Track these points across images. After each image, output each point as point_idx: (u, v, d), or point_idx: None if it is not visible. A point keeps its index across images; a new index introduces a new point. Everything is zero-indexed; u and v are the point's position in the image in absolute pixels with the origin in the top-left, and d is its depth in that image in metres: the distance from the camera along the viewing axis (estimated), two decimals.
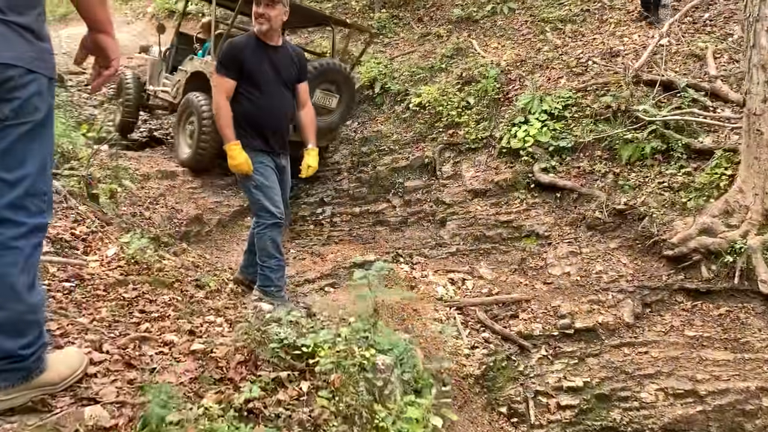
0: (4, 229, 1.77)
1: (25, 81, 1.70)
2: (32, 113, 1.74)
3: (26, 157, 1.77)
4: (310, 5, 9.18)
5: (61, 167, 5.21)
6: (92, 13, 1.82)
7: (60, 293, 3.07)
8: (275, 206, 4.11)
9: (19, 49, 1.67)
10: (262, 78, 3.96)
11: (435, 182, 7.70)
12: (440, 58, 9.07)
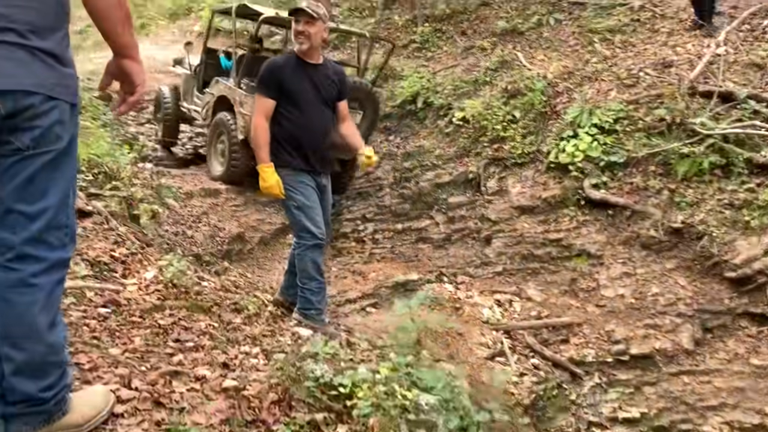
0: (23, 265, 1.68)
1: (46, 108, 1.60)
2: (54, 142, 1.64)
3: (48, 189, 1.67)
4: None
5: (104, 187, 5.22)
6: (116, 37, 1.71)
7: (95, 320, 3.00)
8: (316, 227, 4.00)
9: (40, 76, 1.57)
10: (303, 97, 3.87)
11: (480, 198, 7.49)
12: (484, 71, 8.88)
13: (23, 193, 1.64)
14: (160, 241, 5.11)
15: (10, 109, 1.54)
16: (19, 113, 1.56)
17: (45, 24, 1.57)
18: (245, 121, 6.89)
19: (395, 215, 7.81)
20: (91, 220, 4.49)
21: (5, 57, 1.52)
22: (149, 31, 16.28)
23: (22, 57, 1.54)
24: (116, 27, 1.69)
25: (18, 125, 1.57)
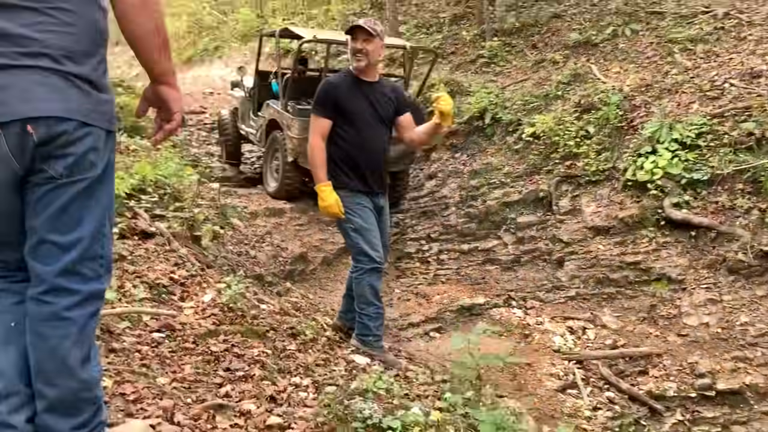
0: (56, 298, 1.61)
1: (80, 135, 1.54)
2: (88, 170, 1.58)
3: (82, 218, 1.61)
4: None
5: (169, 208, 5.27)
6: (153, 63, 1.65)
7: (147, 346, 2.95)
8: (374, 250, 3.87)
9: (73, 102, 1.51)
10: (359, 116, 3.77)
11: (551, 218, 7.16)
12: (556, 85, 8.56)
13: (56, 222, 1.58)
14: (222, 262, 5.10)
15: (43, 135, 1.49)
16: (52, 140, 1.50)
17: (80, 49, 1.52)
18: (294, 144, 7.16)
19: (461, 235, 7.57)
20: (154, 241, 4.52)
21: (39, 83, 1.47)
22: (222, 54, 16.76)
23: (56, 83, 1.49)
24: (153, 53, 1.64)
25: (51, 153, 1.52)
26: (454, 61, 10.86)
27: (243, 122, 9.07)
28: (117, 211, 4.79)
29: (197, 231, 4.95)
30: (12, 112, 1.46)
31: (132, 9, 1.54)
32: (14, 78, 1.45)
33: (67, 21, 1.49)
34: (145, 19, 1.57)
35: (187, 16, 19.14)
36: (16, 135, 1.47)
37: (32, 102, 1.46)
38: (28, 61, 1.45)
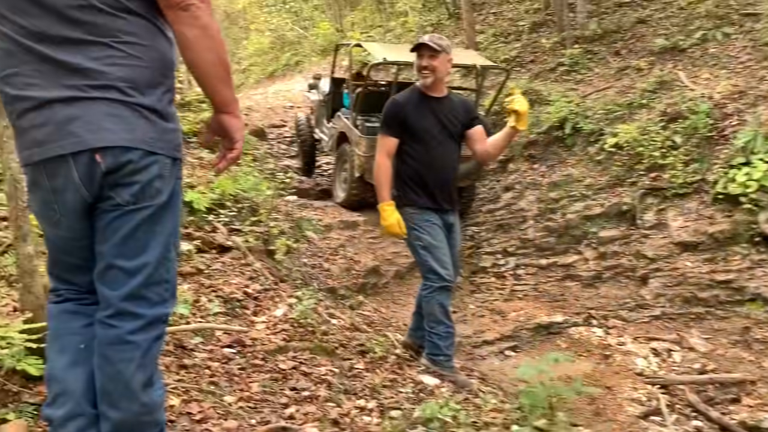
0: (121, 322, 1.65)
1: (146, 163, 1.58)
2: (154, 197, 1.62)
3: (147, 244, 1.65)
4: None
5: (247, 221, 5.40)
6: (215, 93, 1.67)
7: (218, 362, 3.00)
8: (444, 268, 3.79)
9: (139, 131, 1.56)
10: (427, 133, 3.71)
11: (635, 232, 6.84)
12: (640, 94, 8.19)
13: (123, 248, 1.63)
14: (296, 275, 5.16)
15: (110, 164, 1.55)
16: (118, 169, 1.56)
17: (146, 80, 1.57)
18: (361, 161, 7.39)
19: (539, 249, 7.36)
20: (230, 255, 4.63)
21: (107, 113, 1.53)
22: (303, 68, 17.14)
23: (123, 113, 1.54)
24: (215, 83, 1.65)
25: (118, 181, 1.57)
26: (533, 70, 10.63)
27: (318, 126, 9.30)
28: (197, 225, 4.96)
29: (272, 245, 5.04)
30: (82, 143, 1.52)
31: (193, 40, 1.56)
32: (84, 110, 1.51)
33: (134, 54, 1.54)
34: (207, 50, 1.58)
35: (270, 32, 19.72)
36: (86, 164, 1.54)
37: (100, 132, 1.52)
38: (96, 93, 1.51)
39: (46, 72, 1.51)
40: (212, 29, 1.57)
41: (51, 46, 1.50)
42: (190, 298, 3.59)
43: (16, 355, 2.11)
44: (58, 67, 1.50)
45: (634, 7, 10.93)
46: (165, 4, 1.54)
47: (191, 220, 4.95)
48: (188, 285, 3.90)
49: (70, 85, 1.50)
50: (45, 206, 1.65)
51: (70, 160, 1.53)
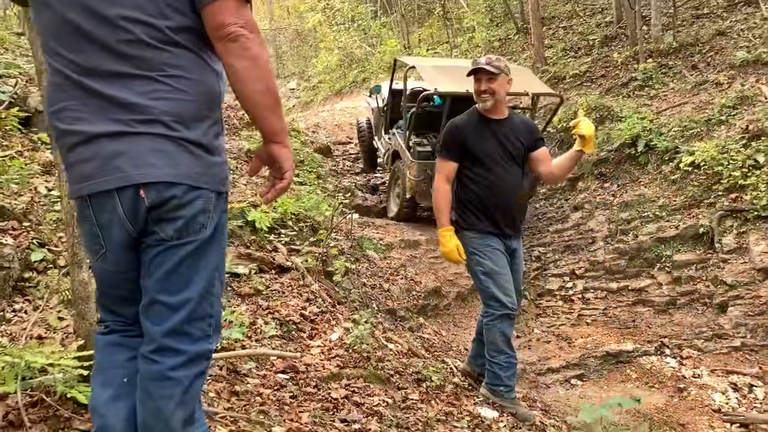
0: (163, 357, 1.63)
1: (190, 198, 1.58)
2: (197, 232, 1.61)
3: (191, 279, 1.64)
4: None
5: (307, 240, 5.41)
6: (264, 123, 1.64)
7: (270, 389, 2.98)
8: (506, 295, 3.66)
9: (183, 166, 1.55)
10: (488, 156, 3.61)
11: (712, 256, 6.45)
12: (719, 109, 7.78)
13: (166, 283, 1.62)
14: (354, 296, 5.11)
15: (154, 200, 1.54)
16: (162, 204, 1.56)
17: (192, 114, 1.57)
18: (412, 184, 7.53)
19: (609, 272, 7.05)
20: (289, 276, 4.64)
21: (151, 149, 1.53)
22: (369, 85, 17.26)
23: (168, 148, 1.54)
24: (264, 113, 1.62)
25: (162, 216, 1.57)
26: (604, 85, 10.29)
27: (376, 134, 9.60)
28: (258, 244, 5.01)
29: (331, 266, 5.02)
30: (127, 178, 1.52)
31: (243, 71, 1.54)
32: (129, 145, 1.52)
33: (179, 88, 1.54)
34: (255, 80, 1.56)
35: (339, 49, 20.00)
36: (130, 199, 1.54)
37: (144, 168, 1.52)
38: (142, 128, 1.51)
39: (93, 106, 1.52)
40: (262, 59, 1.56)
41: (99, 80, 1.51)
42: (246, 321, 3.60)
43: (69, 382, 2.14)
44: (105, 101, 1.51)
45: (713, 19, 10.45)
46: (215, 36, 1.54)
47: (253, 239, 5.00)
48: (246, 306, 3.92)
49: (116, 119, 1.51)
50: (92, 239, 1.66)
51: (116, 195, 1.54)
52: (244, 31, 1.52)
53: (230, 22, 1.50)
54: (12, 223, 3.44)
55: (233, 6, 1.51)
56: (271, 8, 27.05)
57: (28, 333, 2.69)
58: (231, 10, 1.51)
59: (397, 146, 8.08)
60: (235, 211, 5.16)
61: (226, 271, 4.08)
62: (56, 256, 3.30)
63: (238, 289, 4.08)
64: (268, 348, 3.42)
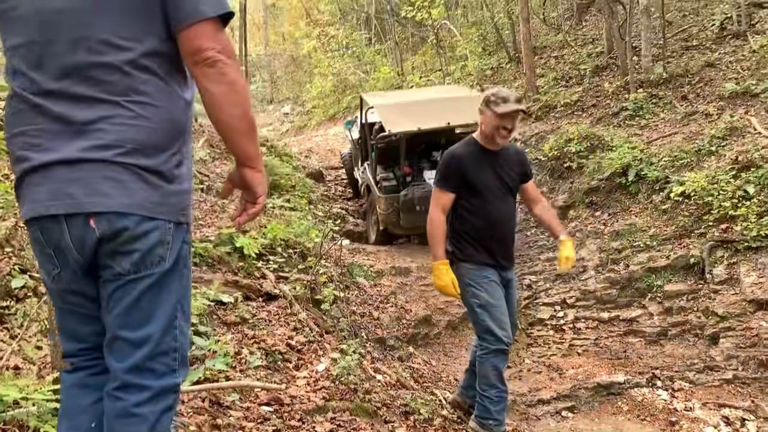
0: (127, 394, 1.59)
1: (144, 230, 1.52)
2: (156, 264, 1.56)
3: (152, 313, 1.59)
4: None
5: (296, 267, 5.36)
6: (238, 148, 1.62)
7: (253, 422, 2.91)
8: (502, 328, 3.60)
9: (137, 196, 1.50)
10: (486, 188, 3.57)
11: (703, 287, 6.43)
12: (709, 140, 7.83)
13: (126, 318, 1.57)
14: (343, 325, 5.05)
15: (105, 230, 1.49)
16: (115, 235, 1.50)
17: (152, 142, 1.52)
18: (382, 217, 7.97)
19: (601, 302, 7.01)
20: (277, 303, 4.58)
21: (105, 177, 1.48)
22: None
23: (122, 177, 1.48)
24: (240, 138, 1.60)
25: (117, 249, 1.52)
26: (595, 114, 10.36)
27: (355, 165, 10.09)
28: (246, 271, 4.95)
29: (319, 294, 4.96)
30: (77, 205, 1.48)
31: (220, 96, 1.52)
32: (83, 172, 1.47)
33: (142, 114, 1.50)
34: (232, 105, 1.53)
35: (333, 75, 20.14)
36: (79, 227, 1.49)
37: (96, 196, 1.47)
38: (97, 155, 1.46)
39: (50, 133, 1.48)
40: (239, 85, 1.53)
41: (59, 102, 1.47)
42: (231, 351, 3.53)
43: (43, 416, 2.08)
44: (64, 125, 1.47)
45: (702, 51, 10.59)
46: (192, 61, 1.51)
47: (241, 266, 4.95)
48: (231, 335, 3.85)
49: (72, 145, 1.46)
50: (45, 260, 1.61)
51: (63, 221, 1.50)
52: (221, 56, 1.49)
53: (207, 47, 1.48)
54: None
55: (210, 31, 1.49)
56: (267, 34, 27.27)
57: (4, 363, 2.61)
58: (208, 35, 1.48)
59: (368, 181, 8.65)
60: (224, 237, 5.12)
61: (212, 299, 4.04)
62: (37, 283, 3.23)
63: (223, 317, 4.02)
64: (253, 379, 3.35)
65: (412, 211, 7.61)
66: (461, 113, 7.63)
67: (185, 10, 1.47)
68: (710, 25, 11.19)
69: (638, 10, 10.63)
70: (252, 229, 5.62)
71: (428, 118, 7.67)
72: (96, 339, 1.67)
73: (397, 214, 7.77)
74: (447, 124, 7.72)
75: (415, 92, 10.99)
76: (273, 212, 6.94)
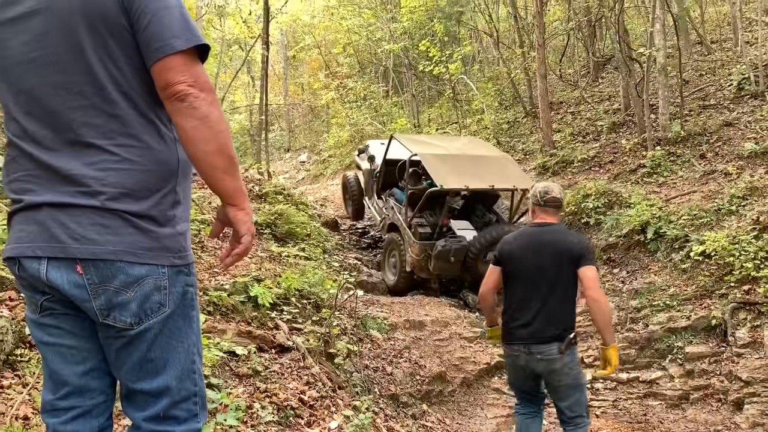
0: None
1: (136, 277, 1.47)
2: (156, 312, 1.51)
3: (166, 363, 1.54)
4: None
5: (310, 319, 5.29)
6: (216, 184, 1.54)
7: None
8: None
9: (127, 242, 1.46)
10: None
11: (726, 350, 6.26)
12: (729, 199, 7.76)
13: (140, 373, 1.53)
14: (357, 379, 4.95)
15: (93, 278, 1.45)
16: (104, 283, 1.45)
17: (141, 185, 1.48)
18: (413, 260, 8.10)
19: (620, 362, 6.80)
20: (289, 356, 4.50)
21: (94, 222, 1.44)
22: None
23: (111, 223, 1.45)
24: (217, 174, 1.52)
25: (111, 300, 1.47)
26: (612, 171, 10.36)
27: (366, 194, 10.17)
28: (259, 321, 4.89)
29: (333, 347, 4.88)
30: (62, 250, 1.44)
31: (191, 131, 1.46)
32: (71, 216, 1.45)
33: (128, 157, 1.47)
34: (205, 141, 1.47)
35: (350, 126, 20.38)
36: (63, 272, 1.45)
37: (84, 242, 1.44)
38: (85, 201, 1.44)
39: (42, 179, 1.47)
40: (211, 119, 1.47)
41: (48, 151, 1.47)
42: (243, 404, 3.45)
43: None
44: (53, 173, 1.46)
45: (719, 110, 10.61)
46: (163, 96, 1.47)
47: (254, 315, 4.89)
48: (243, 388, 3.77)
49: (62, 191, 1.45)
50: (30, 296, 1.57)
51: (44, 263, 1.46)
52: (192, 89, 1.44)
53: (178, 81, 1.43)
54: (9, 293, 3.36)
55: (181, 64, 1.44)
56: (286, 85, 27.82)
57: (14, 413, 2.56)
58: (179, 68, 1.44)
59: (395, 219, 8.71)
60: (239, 286, 5.08)
61: (226, 350, 3.97)
62: None
63: (236, 369, 3.94)
64: None
65: (446, 261, 7.82)
66: (502, 177, 8.24)
67: (155, 45, 1.44)
68: (727, 84, 11.24)
69: (655, 68, 10.72)
70: (267, 278, 5.58)
71: (474, 177, 8.00)
72: (78, 382, 1.59)
73: (428, 260, 7.94)
74: (491, 186, 8.07)
75: (444, 140, 10.85)
76: (288, 261, 6.91)
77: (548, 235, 3.66)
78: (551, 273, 3.56)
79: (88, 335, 1.57)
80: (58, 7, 1.44)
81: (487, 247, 7.61)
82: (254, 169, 12.19)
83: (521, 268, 3.68)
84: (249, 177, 10.21)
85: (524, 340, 3.61)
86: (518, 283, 3.69)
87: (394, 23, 20.00)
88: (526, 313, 3.61)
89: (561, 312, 3.56)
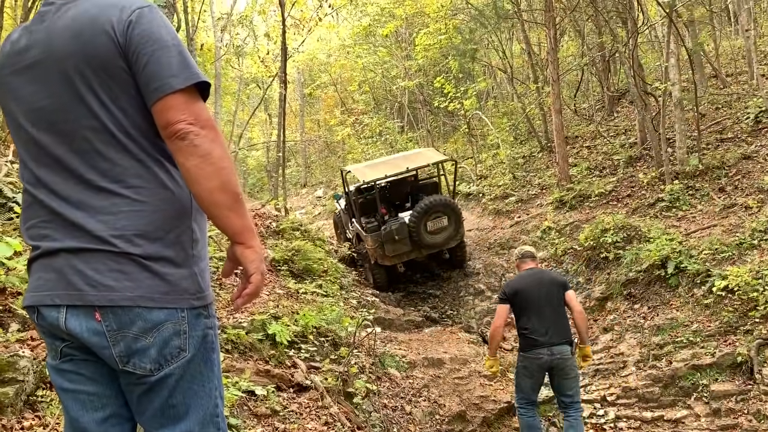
0: None
1: (155, 323, 1.45)
2: (176, 357, 1.49)
3: (188, 407, 1.52)
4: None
5: (328, 357, 5.25)
6: (221, 222, 1.50)
7: None
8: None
9: (144, 287, 1.44)
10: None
11: (753, 388, 6.10)
12: (750, 233, 7.65)
13: (162, 418, 1.51)
14: (375, 419, 4.88)
15: (114, 325, 1.44)
16: (123, 329, 1.44)
17: (154, 227, 1.47)
18: (371, 250, 9.73)
19: (643, 400, 6.68)
20: (308, 395, 4.46)
21: (109, 269, 1.43)
22: None
23: (126, 268, 1.44)
24: (222, 212, 1.48)
25: (131, 346, 1.45)
26: (630, 205, 10.29)
27: (346, 227, 11.72)
28: (277, 360, 4.86)
29: (351, 386, 4.83)
30: (80, 297, 1.44)
31: (193, 170, 1.44)
32: (88, 264, 1.44)
33: (139, 199, 1.46)
34: (207, 179, 1.44)
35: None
36: (82, 319, 1.45)
37: (102, 290, 1.43)
38: (100, 246, 1.44)
39: (56, 224, 1.48)
40: (213, 156, 1.44)
41: (59, 199, 1.48)
42: None
43: None
44: (65, 219, 1.46)
45: (737, 143, 10.55)
46: (164, 135, 1.46)
47: (272, 354, 4.87)
48: (262, 428, 3.74)
49: (77, 236, 1.45)
50: (50, 342, 1.57)
51: (63, 311, 1.45)
52: (192, 127, 1.42)
53: (178, 119, 1.42)
54: (31, 333, 3.38)
55: (181, 102, 1.43)
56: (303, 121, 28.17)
57: None
58: (179, 107, 1.43)
59: (357, 230, 10.35)
60: (257, 324, 5.07)
61: (244, 390, 3.94)
62: None
63: (254, 408, 3.91)
64: None
65: (393, 241, 9.43)
66: (418, 161, 10.33)
67: (154, 85, 1.43)
68: (744, 117, 11.20)
69: (671, 102, 10.73)
70: (285, 315, 5.57)
71: (394, 168, 10.01)
72: (96, 429, 1.57)
73: (381, 246, 9.51)
74: (406, 169, 10.01)
75: (384, 157, 13.27)
76: (305, 298, 6.90)
77: (540, 274, 5.29)
78: (552, 297, 5.03)
79: (107, 381, 1.56)
80: (58, 55, 1.46)
81: (422, 215, 9.31)
82: (271, 204, 12.28)
83: (530, 298, 5.00)
84: (266, 213, 10.27)
85: (546, 345, 4.90)
86: (531, 308, 4.99)
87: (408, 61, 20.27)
88: (542, 329, 4.93)
89: (565, 324, 5.05)
